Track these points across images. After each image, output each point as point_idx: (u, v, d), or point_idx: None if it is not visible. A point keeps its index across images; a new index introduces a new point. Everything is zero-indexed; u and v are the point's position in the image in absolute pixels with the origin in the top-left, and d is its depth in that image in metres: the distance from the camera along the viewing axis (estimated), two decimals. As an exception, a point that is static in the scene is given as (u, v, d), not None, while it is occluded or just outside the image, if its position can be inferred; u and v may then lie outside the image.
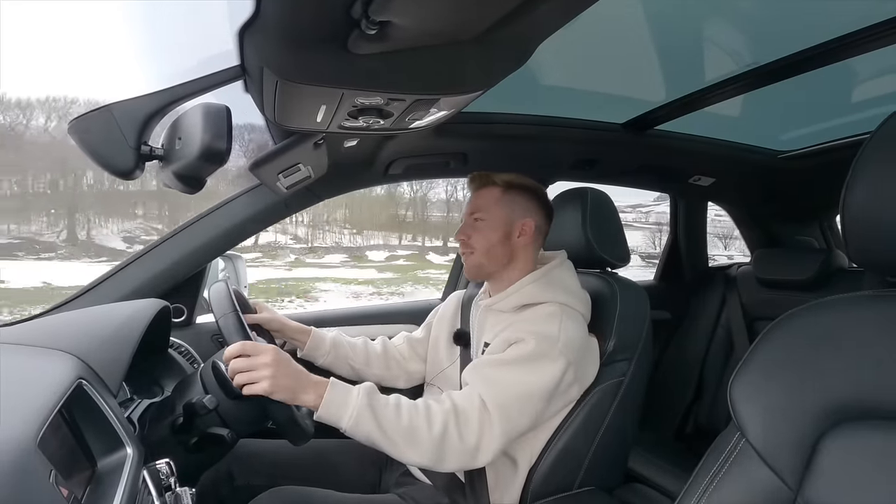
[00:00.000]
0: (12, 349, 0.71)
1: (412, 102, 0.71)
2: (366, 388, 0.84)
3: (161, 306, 0.96)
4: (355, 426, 0.81)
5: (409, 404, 0.86)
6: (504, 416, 0.85)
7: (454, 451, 0.84)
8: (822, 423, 0.53)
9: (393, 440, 0.82)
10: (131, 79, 34.41)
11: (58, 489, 0.45)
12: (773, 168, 1.73)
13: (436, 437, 0.83)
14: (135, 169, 0.70)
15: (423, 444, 0.82)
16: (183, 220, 1.25)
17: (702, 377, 1.89)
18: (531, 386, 0.88)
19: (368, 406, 0.82)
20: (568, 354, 0.90)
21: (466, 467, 0.87)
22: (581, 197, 1.13)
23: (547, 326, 0.92)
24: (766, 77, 1.08)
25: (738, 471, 0.57)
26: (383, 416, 0.82)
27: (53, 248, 15.41)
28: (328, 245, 17.67)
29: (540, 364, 0.89)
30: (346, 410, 0.81)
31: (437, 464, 0.84)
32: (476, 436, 0.85)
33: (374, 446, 0.83)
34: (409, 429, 0.82)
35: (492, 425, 0.85)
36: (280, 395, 0.79)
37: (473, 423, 0.85)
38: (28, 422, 0.48)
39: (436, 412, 0.85)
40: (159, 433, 0.83)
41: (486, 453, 0.85)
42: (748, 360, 0.60)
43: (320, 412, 0.81)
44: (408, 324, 1.57)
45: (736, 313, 1.86)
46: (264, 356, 0.80)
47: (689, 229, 2.07)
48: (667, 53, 1.07)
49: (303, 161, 1.00)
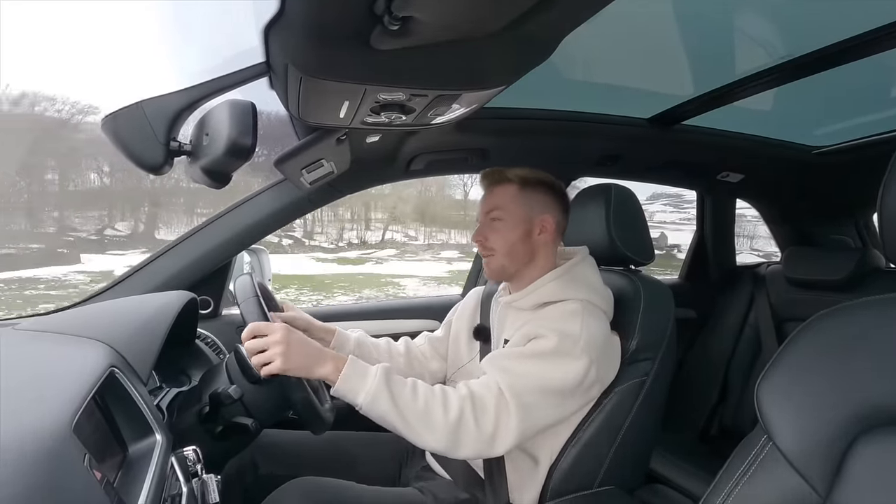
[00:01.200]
0: (50, 337, 0.74)
1: (434, 98, 0.71)
2: (384, 367, 0.84)
3: (189, 298, 0.98)
4: (371, 403, 0.81)
5: (426, 387, 0.86)
6: (522, 406, 0.84)
7: (470, 438, 0.83)
8: (853, 428, 0.51)
9: (408, 421, 0.82)
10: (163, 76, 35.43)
11: (92, 472, 0.47)
12: (806, 164, 1.67)
13: (452, 421, 0.82)
14: (164, 164, 0.71)
15: (438, 428, 0.82)
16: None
17: (727, 378, 1.85)
18: (551, 381, 0.87)
19: (386, 384, 0.82)
20: (590, 353, 0.89)
21: (482, 455, 0.86)
22: (605, 193, 1.11)
23: (569, 324, 0.91)
24: (800, 70, 1.05)
25: (764, 475, 0.56)
26: (400, 396, 0.82)
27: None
28: (441, 241, 18.23)
29: (562, 361, 0.88)
30: (364, 387, 0.81)
31: (452, 449, 0.83)
32: (493, 424, 0.84)
33: (389, 426, 0.83)
34: (424, 411, 0.82)
35: (509, 414, 0.84)
36: (295, 372, 0.81)
37: (490, 411, 0.84)
38: (64, 407, 0.50)
39: (452, 397, 0.85)
40: (186, 421, 0.86)
41: (502, 442, 0.84)
42: (777, 362, 0.58)
43: (337, 386, 0.82)
44: (428, 319, 1.58)
45: (764, 313, 1.81)
46: (275, 335, 0.81)
47: (716, 227, 2.03)
48: (696, 46, 1.04)
49: (326, 157, 1.01)
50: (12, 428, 0.44)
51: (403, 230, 18.71)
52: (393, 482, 1.11)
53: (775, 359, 0.59)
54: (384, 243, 17.30)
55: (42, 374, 0.60)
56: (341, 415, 0.97)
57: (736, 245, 2.11)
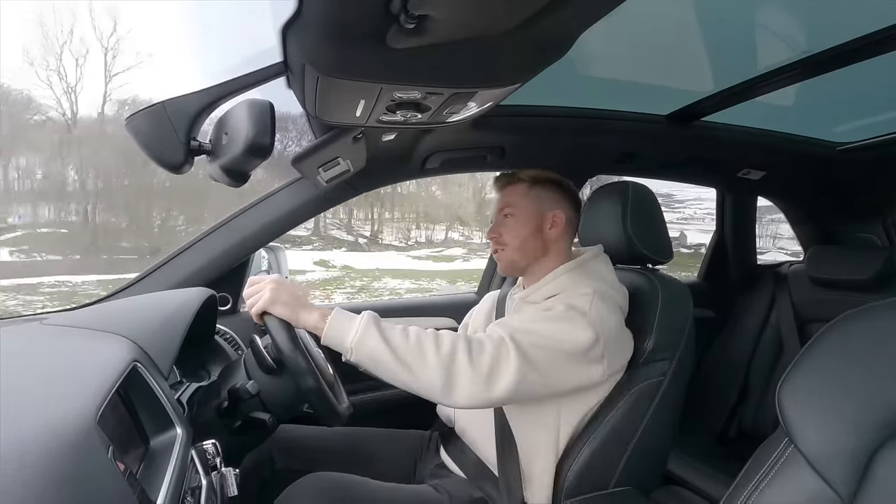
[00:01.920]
0: (74, 332, 0.76)
1: (450, 96, 0.71)
2: (370, 312, 0.85)
3: (208, 295, 1.00)
4: (361, 343, 0.81)
5: (417, 329, 0.86)
6: (522, 352, 0.83)
7: (464, 377, 0.81)
8: (880, 433, 0.50)
9: (399, 359, 0.80)
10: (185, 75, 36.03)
11: (115, 464, 0.48)
12: (831, 160, 1.63)
13: (444, 356, 0.80)
14: (184, 163, 0.73)
15: (430, 366, 0.80)
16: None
17: (747, 379, 1.81)
18: (554, 340, 0.86)
19: (374, 323, 0.83)
20: (597, 328, 0.88)
21: (479, 400, 0.83)
22: (621, 190, 1.10)
23: (579, 301, 0.92)
24: (824, 65, 1.02)
25: (785, 478, 0.55)
26: (390, 335, 0.82)
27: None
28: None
29: (567, 324, 0.87)
30: (351, 328, 0.82)
31: (446, 390, 0.81)
32: (489, 364, 0.82)
33: (380, 367, 0.82)
34: (416, 347, 0.81)
35: (508, 356, 0.83)
36: (279, 309, 0.83)
37: (488, 350, 0.83)
38: (88, 400, 0.51)
39: (446, 335, 0.84)
40: (206, 415, 0.87)
41: (501, 384, 0.82)
42: (799, 363, 0.57)
43: (325, 332, 0.83)
44: (446, 317, 1.58)
45: (787, 314, 1.77)
46: (266, 281, 0.86)
47: (736, 225, 1.99)
48: (715, 41, 1.02)
49: (342, 155, 1.02)
50: (39, 420, 0.45)
51: (461, 230, 19.11)
52: (408, 479, 1.11)
53: (798, 360, 0.57)
54: (447, 241, 17.63)
55: (68, 368, 0.61)
56: (357, 412, 0.98)
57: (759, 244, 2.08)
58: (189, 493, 0.63)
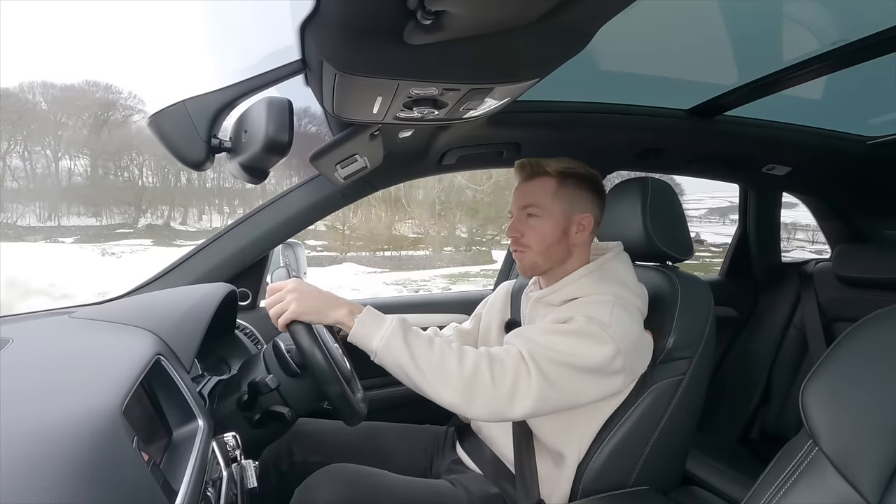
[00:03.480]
0: (100, 325, 0.79)
1: (467, 92, 0.71)
2: (400, 317, 0.85)
3: (229, 290, 1.02)
4: (386, 349, 0.82)
5: (442, 341, 0.85)
6: (542, 374, 0.83)
7: (485, 394, 0.81)
8: None
9: (422, 370, 0.81)
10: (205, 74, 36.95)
11: (139, 453, 0.49)
12: (860, 155, 1.58)
13: (466, 374, 0.81)
14: (206, 160, 0.74)
15: (452, 379, 0.81)
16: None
17: (770, 379, 1.77)
18: (574, 357, 0.85)
19: (401, 331, 0.83)
20: (617, 341, 0.86)
21: (497, 415, 0.84)
22: (641, 187, 1.08)
23: (599, 311, 0.89)
24: (855, 55, 0.99)
25: (809, 480, 0.54)
26: (415, 345, 0.82)
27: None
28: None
29: (587, 341, 0.86)
30: (379, 332, 0.82)
31: (465, 403, 0.82)
32: (510, 383, 0.82)
33: (403, 375, 0.83)
34: (439, 361, 0.82)
35: (529, 376, 0.82)
36: (309, 316, 0.83)
37: (509, 370, 0.83)
38: (114, 391, 0.52)
39: (469, 352, 0.84)
40: (226, 408, 0.89)
41: (520, 404, 0.82)
42: (825, 364, 0.56)
43: (354, 330, 0.83)
44: (458, 313, 1.58)
45: (812, 313, 1.73)
46: (287, 286, 0.86)
47: (760, 222, 1.94)
48: (740, 32, 0.99)
49: (359, 152, 1.03)
50: (66, 409, 0.46)
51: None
52: (424, 474, 1.12)
53: (823, 360, 0.56)
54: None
55: (94, 360, 0.63)
56: (374, 406, 0.99)
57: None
58: (210, 485, 0.64)
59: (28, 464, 0.38)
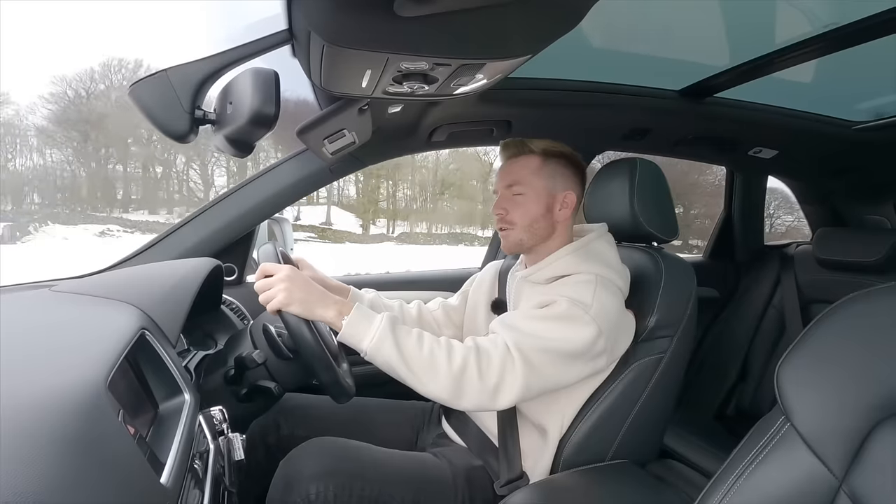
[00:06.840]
0: (84, 299, 0.78)
1: (457, 67, 0.69)
2: (389, 315, 0.86)
3: (214, 265, 1.01)
4: (376, 349, 0.83)
5: (431, 337, 0.87)
6: (527, 364, 0.85)
7: (473, 388, 0.84)
8: (876, 414, 0.50)
9: (412, 368, 0.83)
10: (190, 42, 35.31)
11: (125, 427, 0.49)
12: (845, 140, 1.60)
13: (455, 370, 0.83)
14: (189, 132, 0.72)
15: (441, 376, 0.83)
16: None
17: (748, 359, 1.83)
18: (558, 342, 0.87)
19: (391, 331, 0.84)
20: (600, 322, 0.88)
21: (483, 407, 0.87)
22: (629, 167, 1.08)
23: (580, 292, 0.91)
24: (846, 39, 0.99)
25: (779, 454, 0.56)
26: (405, 344, 0.84)
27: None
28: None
29: (569, 324, 0.88)
30: (369, 332, 0.83)
31: (454, 398, 0.84)
32: (497, 376, 0.84)
33: (393, 373, 0.85)
34: (429, 359, 0.83)
35: (514, 368, 0.85)
36: (295, 308, 0.83)
37: (495, 363, 0.85)
38: (99, 365, 0.52)
39: (457, 347, 0.86)
40: (213, 383, 0.90)
41: (505, 396, 0.85)
42: (800, 344, 0.57)
43: (343, 331, 0.84)
44: (445, 291, 1.59)
45: (791, 294, 1.77)
46: (279, 274, 0.85)
47: (744, 204, 1.97)
48: (732, 13, 0.99)
49: (348, 127, 1.01)
50: (51, 383, 0.46)
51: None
52: (409, 448, 1.14)
53: (799, 340, 0.58)
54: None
55: (77, 334, 0.63)
56: (361, 382, 1.00)
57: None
58: (197, 457, 0.65)
59: (12, 437, 0.38)
